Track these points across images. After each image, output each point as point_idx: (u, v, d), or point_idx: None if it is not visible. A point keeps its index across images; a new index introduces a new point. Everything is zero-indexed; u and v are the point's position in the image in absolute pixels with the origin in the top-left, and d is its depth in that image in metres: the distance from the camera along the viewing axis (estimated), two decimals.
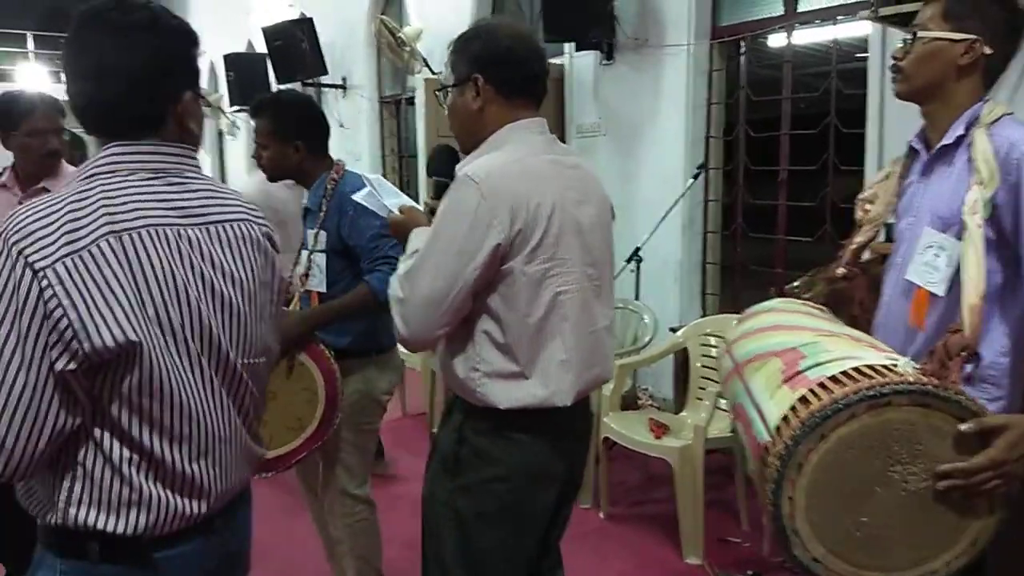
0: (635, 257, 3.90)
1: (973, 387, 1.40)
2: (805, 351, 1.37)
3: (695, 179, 4.01)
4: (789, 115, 4.06)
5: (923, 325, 1.50)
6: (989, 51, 1.49)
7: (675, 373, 3.86)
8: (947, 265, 1.46)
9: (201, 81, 1.26)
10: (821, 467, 1.21)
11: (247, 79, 8.04)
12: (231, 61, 8.44)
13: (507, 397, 1.58)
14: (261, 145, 2.40)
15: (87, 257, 1.04)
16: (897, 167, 1.69)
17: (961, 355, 1.32)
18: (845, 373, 1.25)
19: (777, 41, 4.32)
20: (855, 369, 1.25)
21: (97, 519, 1.10)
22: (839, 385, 1.23)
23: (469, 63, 1.65)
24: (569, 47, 4.93)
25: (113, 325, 1.04)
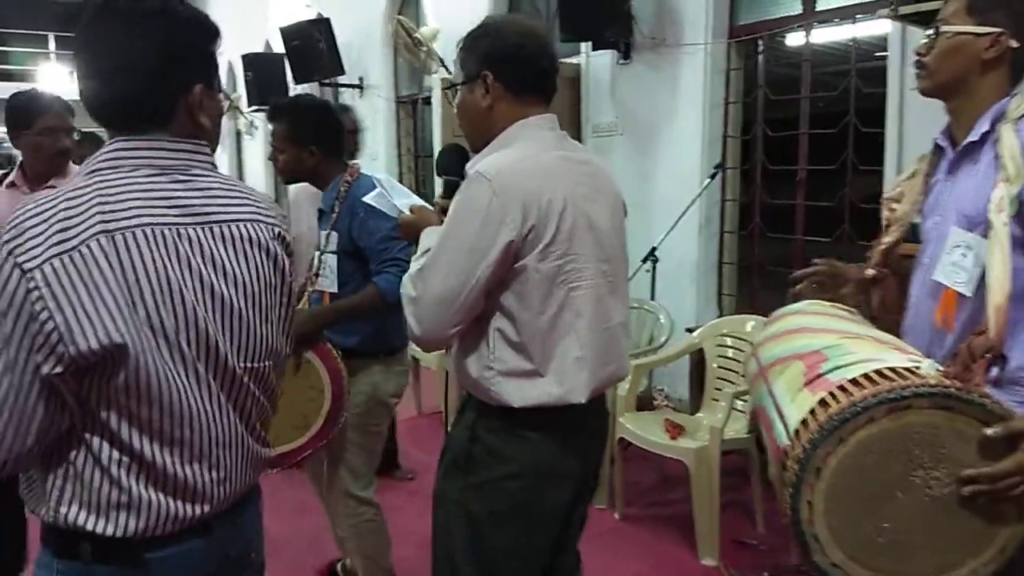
0: (651, 257, 3.88)
1: (1002, 390, 1.36)
2: (828, 353, 1.34)
3: (712, 179, 3.99)
4: (807, 114, 4.03)
5: (951, 326, 1.46)
6: (1015, 44, 1.45)
7: (691, 374, 3.84)
8: (974, 265, 1.42)
9: (218, 75, 1.22)
10: (840, 471, 1.18)
11: (265, 79, 8.11)
12: (249, 61, 8.50)
13: (521, 396, 1.57)
14: (278, 149, 2.43)
15: (77, 257, 1.01)
16: (923, 165, 1.66)
17: (986, 357, 1.28)
18: (866, 376, 1.22)
19: (795, 40, 4.29)
20: (876, 372, 1.22)
21: (87, 520, 1.08)
22: (859, 388, 1.20)
23: (478, 61, 1.64)
24: (585, 46, 4.91)
25: (99, 328, 1.01)
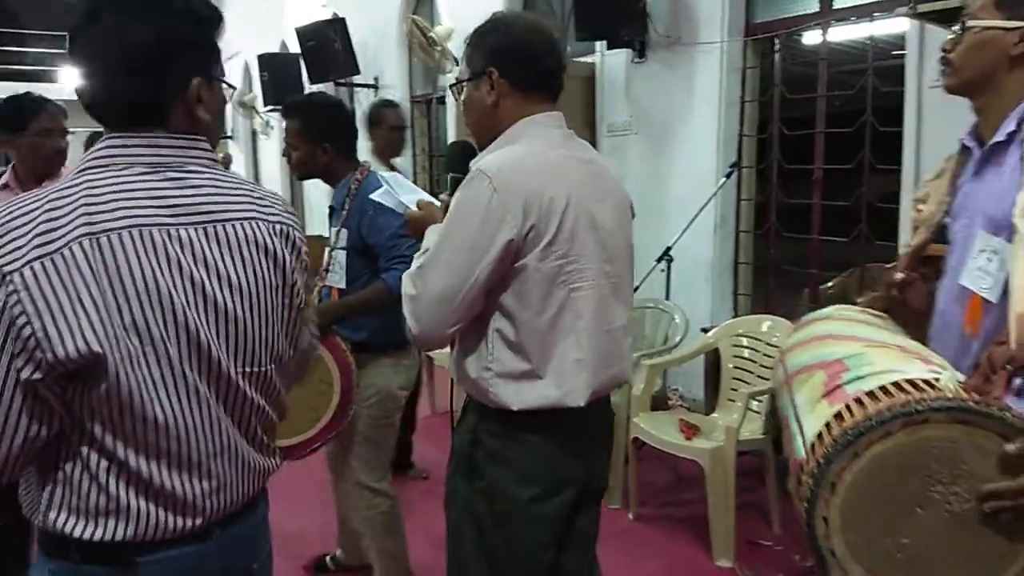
0: (666, 256, 3.87)
1: None
2: (849, 363, 1.31)
3: (728, 178, 3.97)
4: (824, 113, 4.00)
5: (978, 333, 1.41)
6: None
7: (706, 374, 3.83)
8: (999, 270, 1.38)
9: (221, 65, 1.17)
10: (855, 486, 1.16)
11: (280, 79, 8.15)
12: (265, 61, 8.55)
13: (520, 398, 1.54)
14: (291, 145, 2.46)
15: (59, 260, 0.97)
16: (950, 164, 1.61)
17: (1007, 368, 1.23)
18: (883, 388, 1.19)
19: (812, 38, 4.26)
20: (894, 384, 1.20)
21: (75, 527, 1.05)
22: (875, 401, 1.18)
23: (484, 57, 1.62)
24: (600, 45, 4.89)
25: (78, 335, 0.97)
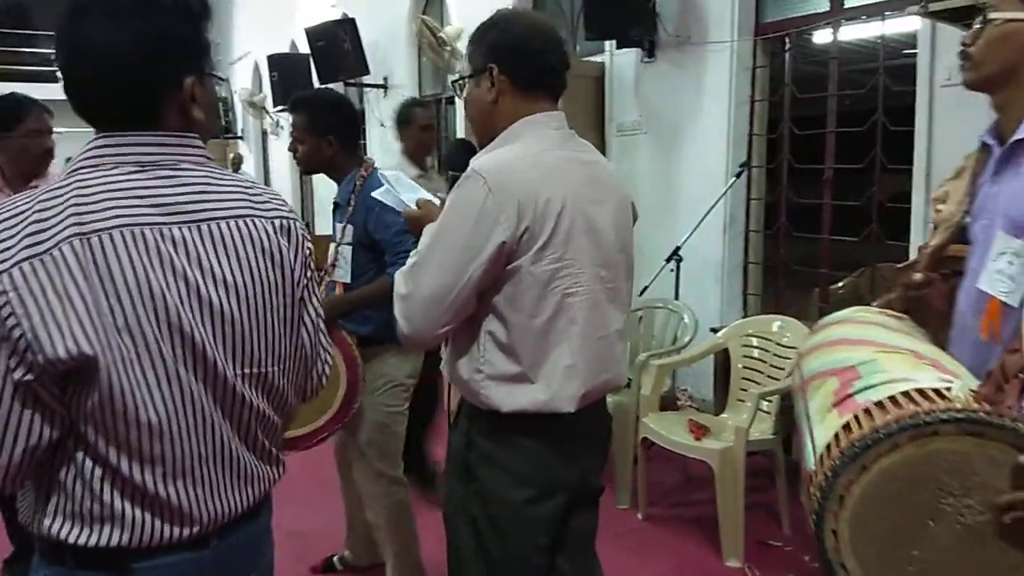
0: (675, 256, 3.86)
1: None
2: (861, 370, 1.27)
3: (737, 177, 3.96)
4: (835, 112, 3.99)
5: (998, 338, 1.35)
6: None
7: (715, 374, 3.82)
8: (1020, 273, 1.33)
9: (211, 59, 1.14)
10: (864, 500, 1.14)
11: (290, 79, 8.19)
12: (275, 62, 8.59)
13: (509, 400, 1.53)
14: (298, 139, 2.50)
15: (48, 261, 0.95)
16: (970, 163, 1.55)
17: (1020, 377, 1.18)
18: (892, 398, 1.16)
19: (823, 37, 4.25)
20: (903, 393, 1.16)
21: (69, 533, 1.04)
22: (883, 412, 1.15)
23: (485, 53, 1.60)
24: (610, 45, 4.89)
25: (68, 336, 0.95)
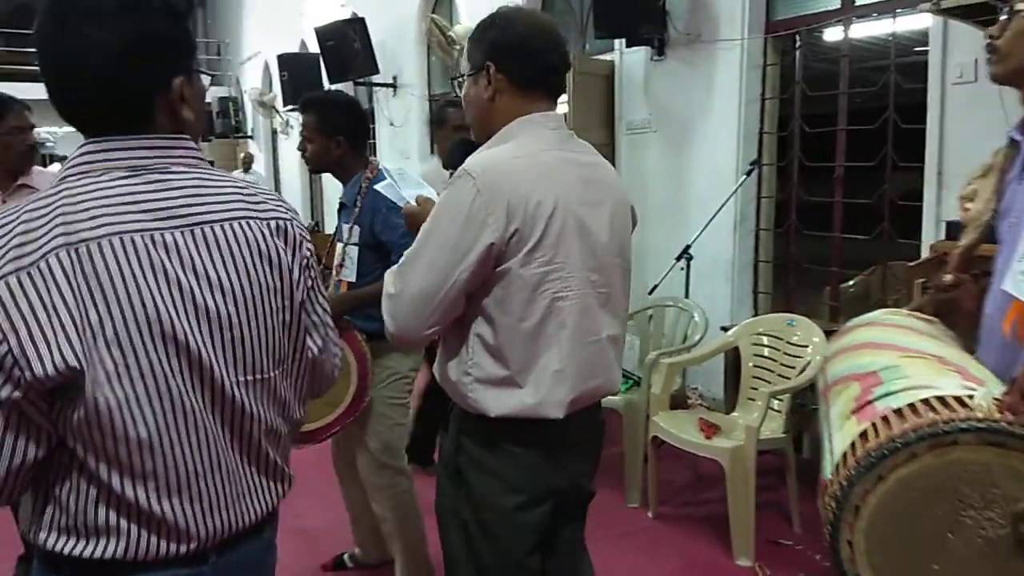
0: (686, 254, 3.85)
1: None
2: (883, 376, 1.24)
3: (748, 175, 3.95)
4: (846, 110, 3.97)
5: (1023, 342, 1.30)
6: None
7: (726, 373, 3.81)
8: None
9: (195, 56, 1.11)
10: (880, 510, 1.11)
11: (300, 79, 8.22)
12: (284, 61, 8.62)
13: (497, 404, 1.51)
14: (307, 139, 2.54)
15: (35, 274, 0.93)
16: (998, 160, 1.52)
17: None
18: (912, 406, 1.12)
19: (834, 35, 4.23)
20: (923, 401, 1.13)
21: (65, 545, 1.02)
22: (901, 420, 1.12)
23: (483, 51, 1.58)
24: (619, 43, 4.89)
25: (55, 351, 0.93)
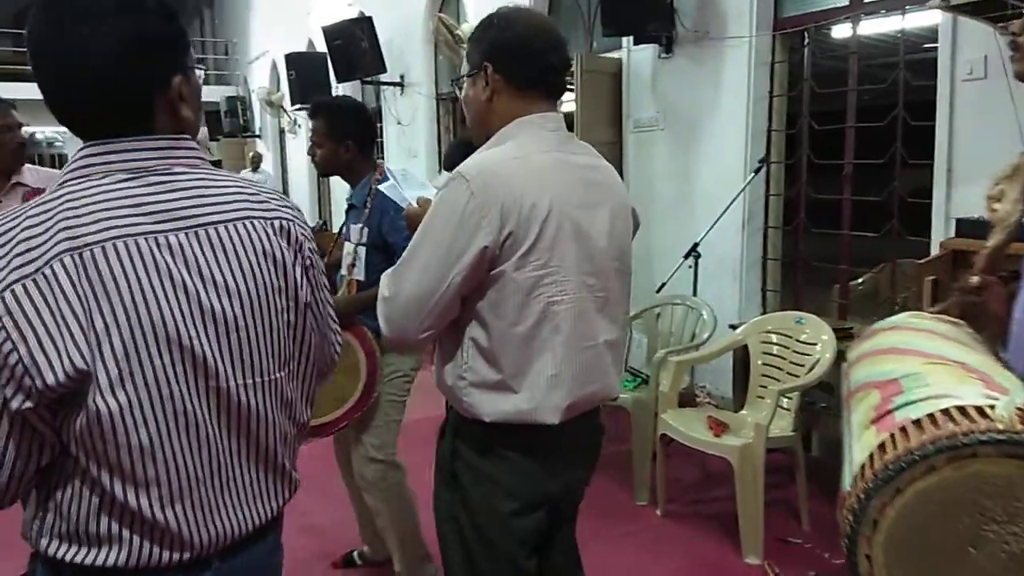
0: (694, 252, 3.85)
1: None
2: (904, 384, 1.21)
3: (756, 173, 3.94)
4: (854, 107, 3.96)
5: None
6: None
7: (734, 371, 3.81)
8: None
9: (191, 53, 1.09)
10: (899, 524, 1.09)
11: (308, 78, 8.24)
12: (292, 60, 8.64)
13: (492, 409, 1.50)
14: (317, 143, 2.60)
15: (41, 281, 0.92)
16: None
17: None
18: (931, 416, 1.10)
19: (842, 32, 4.21)
20: (943, 411, 1.10)
21: (67, 552, 1.01)
22: (920, 431, 1.09)
23: (482, 52, 1.57)
24: (627, 41, 4.88)
25: (65, 358, 0.92)
